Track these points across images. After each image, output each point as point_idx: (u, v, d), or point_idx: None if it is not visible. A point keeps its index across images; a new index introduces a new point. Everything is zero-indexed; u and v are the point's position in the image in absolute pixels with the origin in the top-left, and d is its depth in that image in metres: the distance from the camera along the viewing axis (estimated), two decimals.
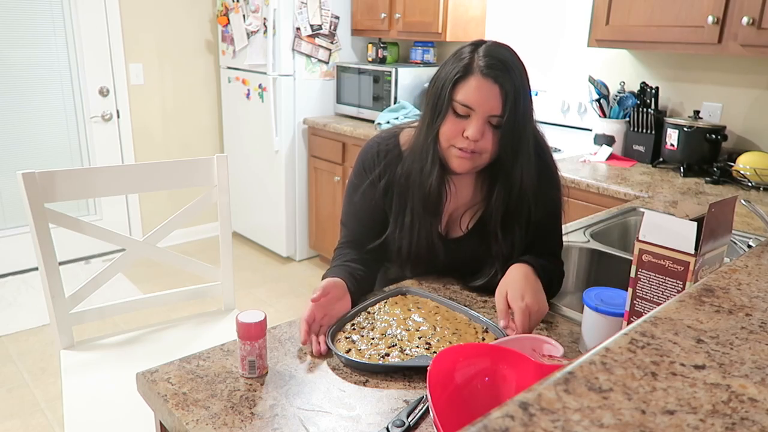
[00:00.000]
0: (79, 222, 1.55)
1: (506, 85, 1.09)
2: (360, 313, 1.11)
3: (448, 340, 1.02)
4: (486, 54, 1.10)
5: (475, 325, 1.08)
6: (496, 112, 1.10)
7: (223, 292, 1.78)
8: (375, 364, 0.95)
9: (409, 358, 0.97)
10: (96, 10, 3.40)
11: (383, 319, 1.09)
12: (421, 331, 1.05)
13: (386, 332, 1.05)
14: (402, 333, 1.04)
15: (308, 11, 3.35)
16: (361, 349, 0.99)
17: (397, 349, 0.99)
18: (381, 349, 0.99)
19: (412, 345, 1.00)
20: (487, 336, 1.04)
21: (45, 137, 3.42)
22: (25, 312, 3.00)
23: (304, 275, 3.57)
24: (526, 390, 0.44)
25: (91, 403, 1.37)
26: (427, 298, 1.17)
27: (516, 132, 1.12)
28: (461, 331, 1.06)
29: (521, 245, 1.22)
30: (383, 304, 1.14)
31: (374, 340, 1.02)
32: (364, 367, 0.95)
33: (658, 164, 2.44)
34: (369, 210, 1.26)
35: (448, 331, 1.05)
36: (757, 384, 0.48)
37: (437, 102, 1.14)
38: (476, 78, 1.09)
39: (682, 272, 0.84)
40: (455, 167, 1.17)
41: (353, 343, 1.01)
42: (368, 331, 1.05)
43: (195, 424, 0.80)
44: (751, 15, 1.94)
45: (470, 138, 1.10)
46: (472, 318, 1.10)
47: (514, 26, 3.08)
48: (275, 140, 3.45)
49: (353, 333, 1.05)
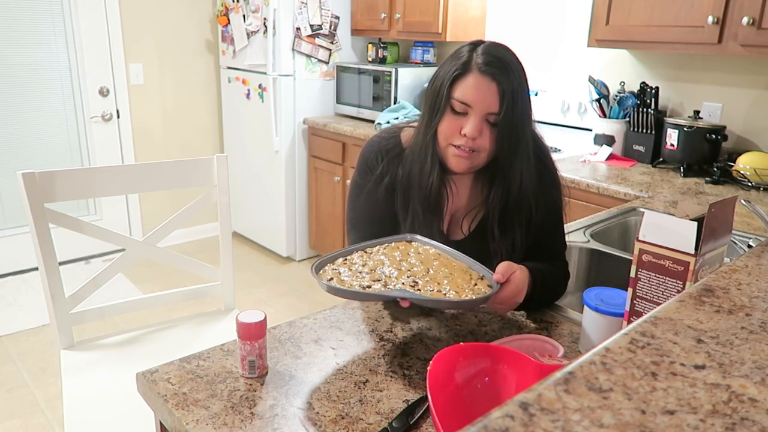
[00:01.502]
0: (79, 222, 1.55)
1: (504, 83, 1.09)
2: (356, 251, 1.08)
3: (437, 281, 0.98)
4: (484, 52, 1.10)
5: (471, 272, 1.03)
6: (494, 109, 1.10)
7: (223, 292, 1.78)
8: (353, 291, 0.93)
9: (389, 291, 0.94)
10: (96, 10, 3.40)
11: (378, 259, 1.05)
12: (412, 272, 1.01)
13: (375, 269, 1.01)
14: (392, 271, 1.00)
15: (308, 11, 3.35)
16: (344, 280, 0.97)
17: (380, 283, 0.96)
18: (364, 281, 0.96)
19: (398, 282, 0.97)
20: (480, 283, 1.00)
21: (45, 137, 3.42)
22: (25, 312, 3.00)
23: (304, 275, 3.57)
24: (526, 390, 0.44)
25: (91, 403, 1.37)
26: (430, 246, 1.12)
27: (514, 131, 1.12)
28: (454, 276, 1.01)
29: (522, 246, 1.21)
30: (383, 246, 1.10)
31: (360, 274, 0.99)
32: (343, 293, 0.93)
33: (658, 164, 2.44)
34: (377, 209, 1.25)
35: (441, 274, 1.01)
36: (757, 384, 0.48)
37: (436, 100, 1.14)
38: (474, 75, 1.10)
39: (682, 272, 0.84)
40: (453, 166, 1.16)
41: (338, 274, 0.99)
42: (359, 267, 1.02)
43: (195, 424, 0.80)
44: (751, 15, 1.94)
45: (468, 136, 1.10)
46: (471, 266, 1.05)
47: (514, 26, 3.08)
48: (275, 140, 3.45)
49: (342, 266, 1.02)
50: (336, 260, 1.05)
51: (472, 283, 1.00)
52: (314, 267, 1.00)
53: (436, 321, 1.12)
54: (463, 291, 0.97)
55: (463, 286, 0.99)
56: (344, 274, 0.99)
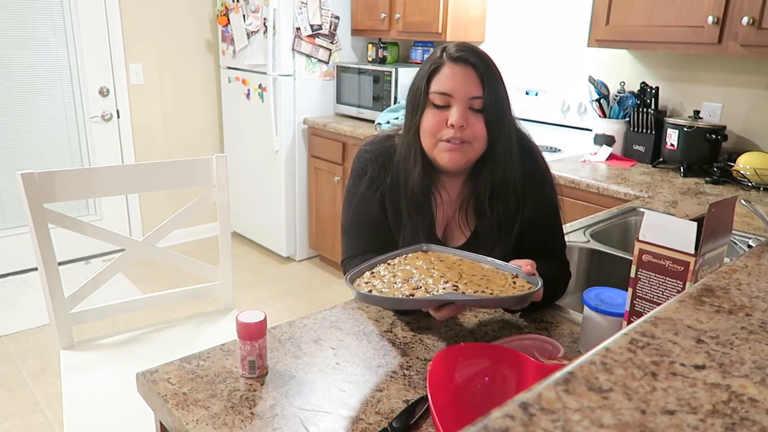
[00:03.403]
0: (78, 222, 1.55)
1: (479, 65, 1.11)
2: (379, 264, 1.05)
3: (477, 284, 0.96)
4: (454, 46, 1.14)
5: (504, 272, 1.02)
6: (476, 93, 1.11)
7: (223, 292, 1.78)
8: (400, 299, 0.89)
9: None
10: (96, 11, 3.40)
11: (405, 270, 1.02)
12: (447, 277, 0.98)
13: (408, 279, 0.98)
14: (426, 279, 0.98)
15: (308, 11, 3.35)
16: (383, 291, 0.93)
17: (421, 291, 0.93)
18: (404, 290, 0.93)
19: (438, 287, 0.94)
20: (517, 281, 0.98)
21: (45, 137, 3.42)
22: (25, 312, 3.00)
23: (304, 275, 3.57)
24: (526, 390, 0.44)
25: (90, 403, 1.37)
26: (448, 253, 1.10)
27: (499, 113, 1.13)
28: (488, 276, 0.99)
29: (512, 231, 1.19)
30: (404, 258, 1.08)
31: (396, 284, 0.96)
32: (390, 303, 0.89)
33: (658, 164, 2.44)
34: (369, 215, 1.23)
35: (475, 276, 0.99)
36: (757, 384, 0.48)
37: (415, 100, 1.16)
38: (448, 66, 1.12)
39: (682, 272, 0.84)
40: (446, 163, 1.14)
41: (374, 287, 0.96)
42: (390, 277, 0.99)
43: (195, 424, 0.80)
44: (751, 15, 1.94)
45: (455, 124, 1.10)
46: (499, 267, 1.04)
47: (514, 26, 3.08)
48: (275, 140, 3.45)
49: (373, 279, 0.99)
50: (363, 274, 1.03)
51: (511, 281, 0.98)
52: (347, 278, 0.98)
53: (435, 321, 1.12)
54: (507, 290, 0.96)
55: (503, 284, 0.97)
56: (379, 286, 0.96)
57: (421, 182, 1.18)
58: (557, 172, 2.01)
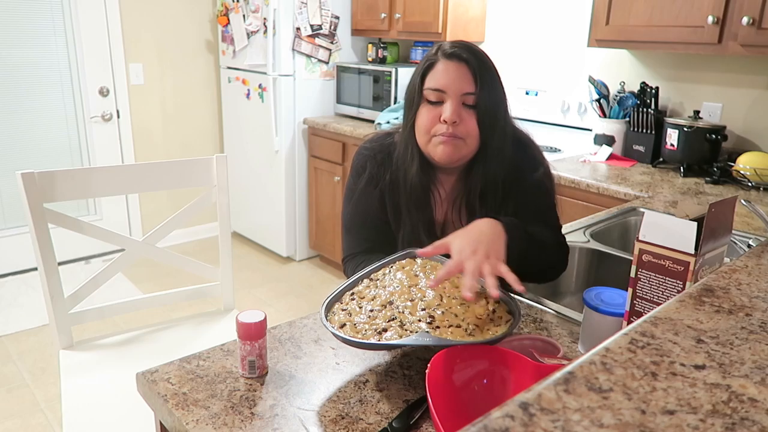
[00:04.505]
0: (78, 222, 1.55)
1: (472, 61, 1.12)
2: (362, 281, 1.04)
3: (454, 313, 0.93)
4: (449, 43, 1.15)
5: (486, 294, 0.96)
6: (469, 89, 1.11)
7: (223, 292, 1.78)
8: (369, 343, 0.88)
9: (407, 334, 0.89)
10: (96, 10, 3.40)
11: (387, 291, 0.99)
12: (425, 301, 0.95)
13: (386, 304, 0.96)
14: (405, 304, 0.95)
15: (308, 11, 3.35)
16: (356, 324, 0.92)
17: (396, 323, 0.91)
18: (378, 324, 0.92)
19: (414, 318, 0.92)
20: (498, 307, 0.95)
21: (45, 137, 3.42)
22: (25, 312, 3.00)
23: (304, 275, 3.57)
24: (526, 390, 0.44)
25: (90, 403, 1.37)
26: (437, 262, 1.06)
27: (492, 109, 1.13)
28: (468, 302, 0.94)
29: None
30: (389, 269, 1.06)
31: (372, 313, 0.94)
32: (358, 345, 0.88)
33: (658, 164, 2.44)
34: (369, 213, 1.24)
35: (455, 301, 0.95)
36: (757, 384, 0.48)
37: (411, 97, 1.18)
38: (442, 62, 1.13)
39: (682, 272, 0.84)
40: (439, 156, 1.15)
41: (349, 317, 0.94)
42: (367, 302, 0.97)
43: (195, 424, 0.80)
44: (751, 15, 1.94)
45: (448, 120, 1.11)
46: (484, 287, 0.98)
47: (514, 26, 3.08)
48: (275, 140, 3.45)
49: (351, 303, 0.97)
50: (343, 296, 1.00)
51: (490, 309, 0.94)
52: (323, 308, 0.95)
53: None
54: (484, 322, 0.92)
55: (482, 314, 0.93)
56: (355, 315, 0.94)
57: (419, 179, 1.19)
58: (557, 173, 2.01)
